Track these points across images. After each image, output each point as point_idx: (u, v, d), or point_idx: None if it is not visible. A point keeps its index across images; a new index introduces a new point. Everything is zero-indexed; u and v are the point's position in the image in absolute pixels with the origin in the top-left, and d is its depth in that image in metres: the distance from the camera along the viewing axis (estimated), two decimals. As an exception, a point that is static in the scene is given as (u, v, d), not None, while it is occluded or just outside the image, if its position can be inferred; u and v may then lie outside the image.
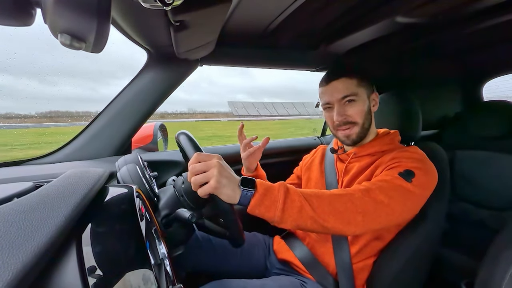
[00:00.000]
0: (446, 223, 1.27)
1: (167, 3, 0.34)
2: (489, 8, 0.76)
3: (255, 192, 0.52)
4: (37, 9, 0.33)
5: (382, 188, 0.61)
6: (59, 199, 0.38)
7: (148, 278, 0.35)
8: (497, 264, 0.58)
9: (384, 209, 0.58)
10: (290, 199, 0.53)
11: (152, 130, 1.18)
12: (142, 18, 0.66)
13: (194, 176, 0.52)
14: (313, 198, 0.55)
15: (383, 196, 0.59)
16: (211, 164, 0.52)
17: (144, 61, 0.96)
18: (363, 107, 0.75)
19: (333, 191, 0.60)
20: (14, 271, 0.24)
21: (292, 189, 0.56)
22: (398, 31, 0.87)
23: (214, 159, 0.53)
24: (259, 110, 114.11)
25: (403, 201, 0.61)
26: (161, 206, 0.65)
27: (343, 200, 0.57)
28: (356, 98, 0.74)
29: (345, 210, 0.56)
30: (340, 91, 0.74)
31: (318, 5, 0.75)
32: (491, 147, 1.21)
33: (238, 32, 0.90)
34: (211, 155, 0.54)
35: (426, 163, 0.68)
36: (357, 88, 0.75)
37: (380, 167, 0.70)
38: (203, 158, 0.53)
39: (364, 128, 0.76)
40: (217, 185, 0.50)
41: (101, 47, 0.35)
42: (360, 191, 0.60)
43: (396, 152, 0.71)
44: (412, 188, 0.61)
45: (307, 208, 0.53)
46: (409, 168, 0.64)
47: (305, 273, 0.76)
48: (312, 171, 0.91)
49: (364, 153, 0.78)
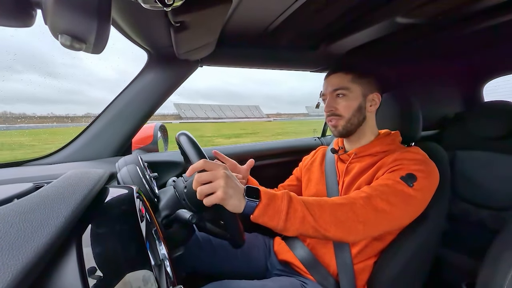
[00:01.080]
0: (447, 223, 1.26)
1: (167, 3, 0.34)
2: (489, 8, 0.76)
3: (259, 202, 0.53)
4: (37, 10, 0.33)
5: (384, 194, 0.61)
6: (59, 200, 0.38)
7: (148, 279, 0.35)
8: (498, 265, 0.58)
9: (385, 217, 0.60)
10: (293, 209, 0.55)
11: (152, 131, 1.18)
12: (142, 19, 0.66)
13: (200, 185, 0.52)
14: (315, 208, 0.57)
15: (384, 204, 0.60)
16: (217, 175, 0.52)
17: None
18: (352, 103, 0.77)
19: (335, 199, 0.61)
20: (14, 272, 0.24)
21: (295, 199, 0.57)
22: (398, 31, 0.87)
23: (220, 169, 0.53)
24: (207, 113, 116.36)
25: (404, 207, 0.62)
26: (161, 207, 0.65)
27: (345, 209, 0.58)
28: (347, 93, 0.76)
29: (346, 219, 0.57)
30: (333, 84, 0.78)
31: (318, 6, 0.76)
32: (491, 147, 1.21)
33: (238, 33, 0.90)
34: (217, 164, 0.54)
35: (428, 164, 0.68)
36: (350, 84, 0.76)
37: (382, 168, 0.70)
38: (209, 167, 0.53)
39: (350, 123, 0.78)
40: (224, 196, 0.50)
41: (102, 48, 0.35)
42: (362, 198, 0.60)
43: (398, 153, 0.71)
44: (414, 193, 0.62)
45: (309, 218, 0.55)
46: (411, 172, 0.64)
47: (305, 274, 0.76)
48: (313, 172, 0.91)
49: (365, 153, 0.78)
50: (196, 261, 0.85)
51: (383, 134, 0.82)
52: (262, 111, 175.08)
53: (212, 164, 0.53)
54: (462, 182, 1.27)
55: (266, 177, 1.19)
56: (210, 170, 0.53)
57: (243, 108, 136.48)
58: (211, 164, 0.53)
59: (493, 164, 1.19)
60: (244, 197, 0.53)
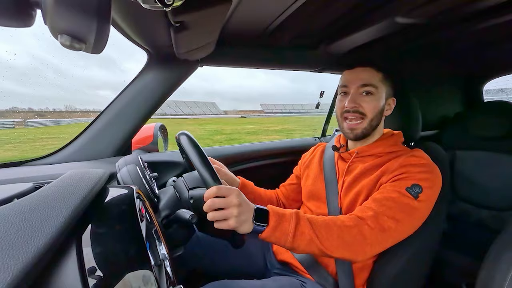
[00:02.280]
0: (447, 223, 1.26)
1: (167, 4, 0.34)
2: (489, 8, 0.76)
3: (267, 226, 0.56)
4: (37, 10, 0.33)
5: (390, 210, 0.61)
6: (59, 200, 0.38)
7: (148, 279, 0.35)
8: (498, 265, 0.58)
9: (392, 235, 0.61)
10: (299, 231, 0.57)
11: (152, 131, 1.18)
12: (142, 19, 0.66)
13: (212, 212, 0.54)
14: (323, 230, 0.58)
15: (391, 222, 0.61)
16: (230, 203, 0.53)
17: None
18: (377, 104, 0.73)
19: (344, 220, 0.61)
20: (14, 272, 0.24)
21: (303, 220, 0.58)
22: (398, 31, 0.86)
23: (233, 197, 0.54)
24: (163, 109, 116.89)
25: (410, 221, 0.63)
26: (162, 207, 0.65)
27: (353, 232, 0.59)
28: (375, 92, 0.72)
29: (353, 242, 0.59)
30: (362, 79, 0.73)
31: (318, 6, 0.76)
32: (491, 147, 1.21)
33: (238, 33, 0.90)
34: (230, 190, 0.55)
35: (432, 170, 0.67)
36: (379, 83, 0.73)
37: (386, 174, 0.68)
38: (222, 193, 0.54)
39: (371, 125, 0.74)
40: (236, 225, 0.53)
41: (102, 48, 0.35)
42: (370, 218, 0.61)
43: (403, 158, 0.69)
44: (419, 205, 0.62)
45: (316, 241, 0.57)
46: (416, 182, 0.64)
47: (304, 273, 0.76)
48: (311, 168, 0.90)
49: (368, 153, 0.76)
50: (196, 261, 0.85)
51: (386, 134, 0.80)
52: (219, 108, 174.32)
53: (225, 189, 0.55)
54: (462, 182, 1.27)
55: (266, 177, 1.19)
56: (223, 196, 0.54)
57: (200, 104, 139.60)
58: (225, 191, 0.54)
59: (493, 164, 1.19)
60: (253, 222, 0.55)
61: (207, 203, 0.54)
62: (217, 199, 0.54)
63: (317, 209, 0.82)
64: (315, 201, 0.84)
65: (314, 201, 0.84)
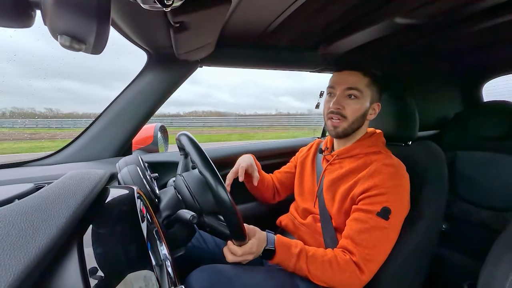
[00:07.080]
0: (448, 223, 1.26)
1: (166, 4, 0.34)
2: (489, 9, 0.76)
3: (271, 260, 0.67)
4: (36, 10, 0.33)
5: (369, 241, 0.65)
6: (60, 201, 0.38)
7: (150, 279, 0.35)
8: (500, 265, 0.58)
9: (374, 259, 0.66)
10: (298, 267, 0.66)
11: (152, 131, 1.18)
12: (141, 19, 0.66)
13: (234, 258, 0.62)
14: (318, 272, 0.66)
15: (368, 250, 0.65)
16: (249, 257, 0.62)
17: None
18: (360, 107, 0.76)
19: (340, 262, 0.66)
20: (15, 273, 0.24)
21: (303, 258, 0.66)
22: (398, 32, 0.86)
23: (252, 254, 0.63)
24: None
25: (385, 241, 0.67)
26: (162, 207, 0.65)
27: (345, 275, 0.65)
28: (359, 96, 0.75)
29: (342, 279, 0.65)
30: (348, 82, 0.75)
31: (317, 6, 0.76)
32: (491, 147, 1.21)
33: (238, 33, 0.90)
34: (250, 248, 0.62)
35: (397, 174, 0.70)
36: (364, 88, 0.75)
37: (359, 185, 0.71)
38: (245, 252, 0.61)
39: (351, 127, 0.78)
40: (247, 261, 0.64)
41: (101, 49, 0.35)
42: (355, 256, 0.66)
43: (374, 168, 0.71)
44: (389, 225, 0.66)
45: (309, 276, 0.66)
46: (384, 205, 0.66)
47: None
48: (305, 168, 0.95)
49: (346, 155, 0.80)
50: (198, 261, 0.85)
51: (365, 135, 0.82)
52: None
53: (248, 250, 0.61)
54: (463, 183, 1.26)
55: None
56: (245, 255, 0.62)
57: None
58: (247, 250, 0.61)
59: (493, 164, 1.19)
60: (259, 257, 0.66)
61: (228, 257, 0.62)
62: (240, 257, 0.62)
63: (304, 204, 0.88)
64: (303, 196, 0.90)
65: (303, 196, 0.90)
